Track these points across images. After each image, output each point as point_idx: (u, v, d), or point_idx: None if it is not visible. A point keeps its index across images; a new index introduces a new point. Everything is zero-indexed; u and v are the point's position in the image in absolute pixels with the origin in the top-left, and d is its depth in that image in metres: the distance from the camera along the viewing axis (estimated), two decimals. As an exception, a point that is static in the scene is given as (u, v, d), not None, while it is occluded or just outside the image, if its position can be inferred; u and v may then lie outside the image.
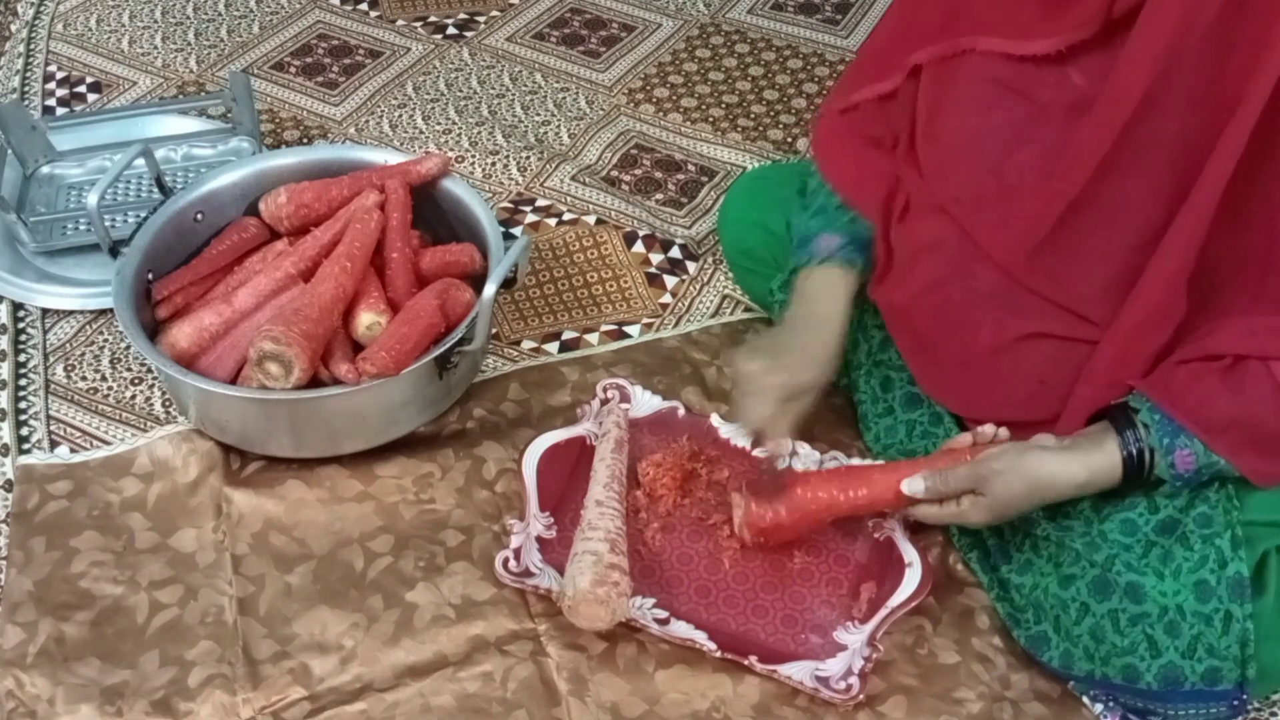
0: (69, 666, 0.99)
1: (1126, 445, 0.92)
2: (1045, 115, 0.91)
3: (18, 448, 1.18)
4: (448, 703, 0.97)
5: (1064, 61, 0.89)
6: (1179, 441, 0.90)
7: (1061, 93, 0.90)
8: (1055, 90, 0.90)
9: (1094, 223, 0.91)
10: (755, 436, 1.10)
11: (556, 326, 1.35)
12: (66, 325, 1.32)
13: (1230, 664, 0.89)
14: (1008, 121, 0.93)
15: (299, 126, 1.64)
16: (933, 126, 1.00)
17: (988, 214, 0.97)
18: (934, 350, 1.06)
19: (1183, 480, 0.92)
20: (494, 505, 1.13)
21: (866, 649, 0.99)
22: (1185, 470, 0.91)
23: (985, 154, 0.96)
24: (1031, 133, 0.92)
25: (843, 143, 1.11)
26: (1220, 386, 0.89)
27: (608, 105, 1.69)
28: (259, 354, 1.05)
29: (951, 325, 1.03)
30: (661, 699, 0.98)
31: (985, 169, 0.96)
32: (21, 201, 1.43)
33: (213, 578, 1.06)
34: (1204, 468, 0.91)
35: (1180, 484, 0.92)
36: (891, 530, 1.07)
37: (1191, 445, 0.90)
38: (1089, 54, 0.88)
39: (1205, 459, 0.90)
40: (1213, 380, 0.90)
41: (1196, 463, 0.91)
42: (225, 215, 1.28)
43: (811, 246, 1.09)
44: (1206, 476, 0.92)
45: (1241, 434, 0.90)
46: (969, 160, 0.97)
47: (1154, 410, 0.91)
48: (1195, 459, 0.91)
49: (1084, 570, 0.95)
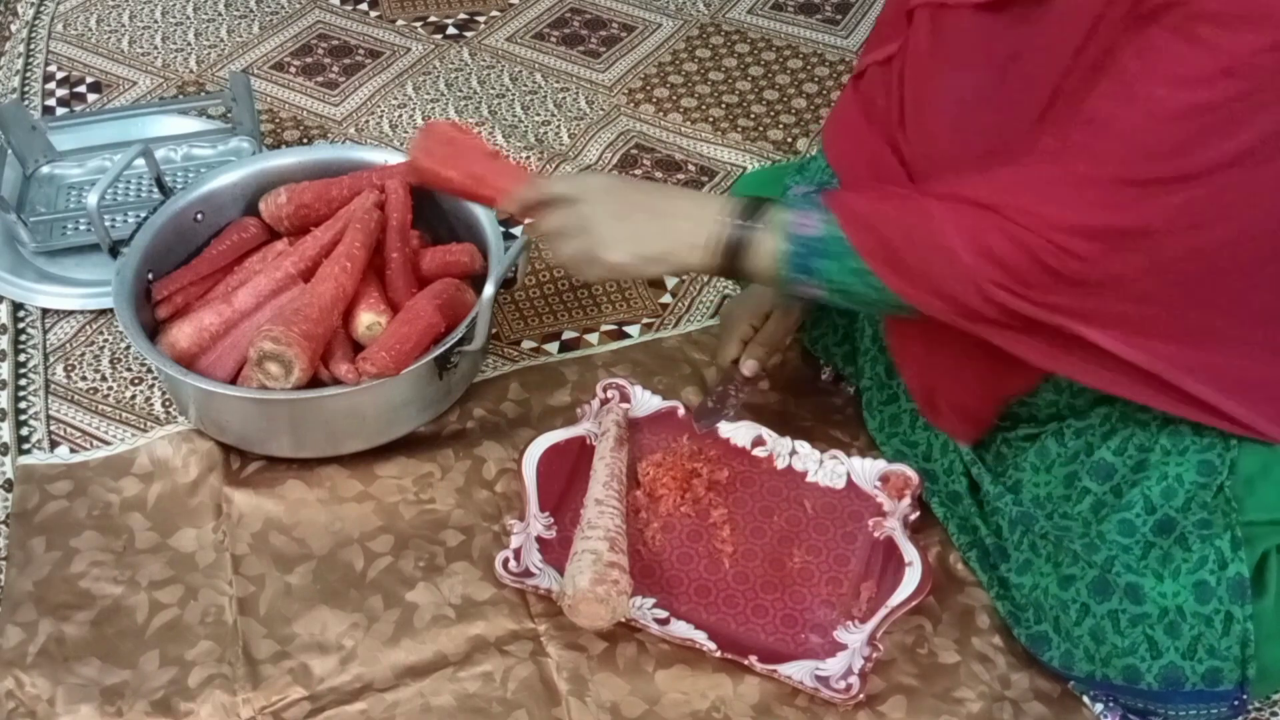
0: (69, 666, 0.99)
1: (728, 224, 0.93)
2: (1003, 72, 0.91)
3: (18, 448, 1.18)
4: (448, 703, 0.97)
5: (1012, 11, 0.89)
6: (811, 207, 0.91)
7: (1015, 48, 0.90)
8: (1010, 46, 0.90)
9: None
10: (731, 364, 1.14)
11: (556, 326, 1.35)
12: (66, 325, 1.32)
13: (1231, 664, 0.89)
14: (973, 80, 0.94)
15: (299, 126, 1.64)
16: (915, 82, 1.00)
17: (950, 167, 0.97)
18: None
19: (794, 246, 0.90)
20: (494, 505, 1.13)
21: (866, 648, 0.99)
22: (803, 233, 0.90)
23: (952, 110, 0.96)
24: (992, 91, 0.92)
25: (845, 114, 1.12)
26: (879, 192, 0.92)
27: (608, 105, 1.69)
28: (259, 354, 1.05)
29: None
30: (661, 699, 0.98)
31: (955, 127, 0.96)
32: (21, 201, 1.43)
33: (213, 578, 1.06)
34: (827, 239, 0.90)
35: (800, 254, 0.91)
36: (892, 530, 1.07)
37: (822, 216, 0.90)
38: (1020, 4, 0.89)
39: (830, 230, 0.90)
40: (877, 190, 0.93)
41: (820, 232, 0.90)
42: (225, 215, 1.28)
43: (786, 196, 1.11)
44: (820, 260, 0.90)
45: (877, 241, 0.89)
46: (941, 122, 0.97)
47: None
48: (819, 228, 0.90)
49: (1083, 571, 0.95)
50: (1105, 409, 0.99)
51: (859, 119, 1.09)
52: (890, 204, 0.91)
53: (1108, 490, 0.97)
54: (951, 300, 0.88)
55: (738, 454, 1.17)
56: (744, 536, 1.10)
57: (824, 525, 1.11)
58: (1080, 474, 0.99)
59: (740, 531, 1.10)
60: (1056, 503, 1.00)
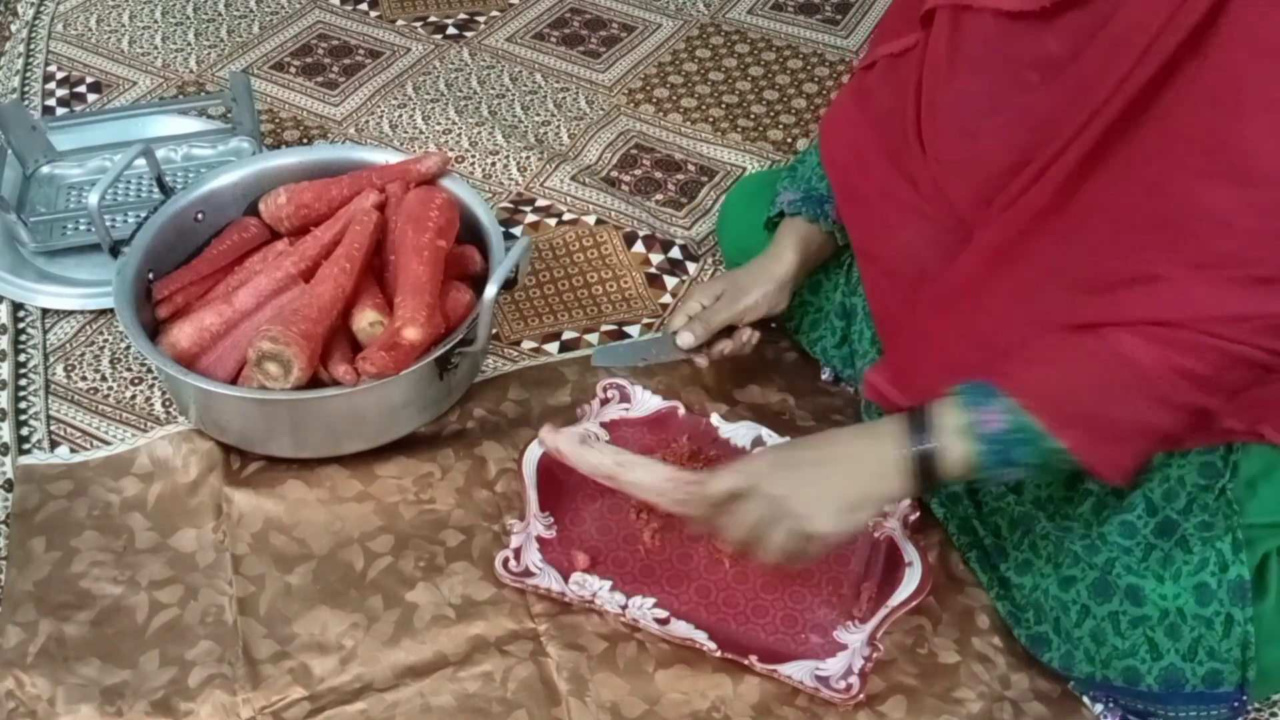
0: (69, 666, 0.99)
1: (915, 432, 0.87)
2: (1020, 80, 0.91)
3: (18, 448, 1.18)
4: (448, 702, 0.97)
5: (1047, 22, 0.88)
6: (988, 401, 0.85)
7: (1037, 56, 0.89)
8: (1032, 54, 0.90)
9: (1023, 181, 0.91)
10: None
11: (557, 327, 1.35)
12: (66, 325, 1.32)
13: (1231, 666, 0.89)
14: (988, 87, 0.93)
15: (299, 126, 1.64)
16: (931, 85, 1.00)
17: (960, 176, 0.97)
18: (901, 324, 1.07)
19: (989, 445, 0.84)
20: (494, 505, 1.13)
21: (866, 648, 0.99)
22: (993, 431, 0.84)
23: (966, 120, 0.96)
24: (1007, 99, 0.92)
25: (843, 113, 1.12)
26: (1042, 351, 0.86)
27: (607, 105, 1.69)
28: (258, 354, 1.05)
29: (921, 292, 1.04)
30: (661, 699, 0.98)
31: (964, 135, 0.96)
32: (21, 201, 1.43)
33: (213, 578, 1.06)
34: (1014, 431, 0.84)
35: (995, 454, 0.85)
36: (892, 530, 1.07)
37: (1001, 403, 0.84)
38: (1070, 15, 0.87)
39: (1016, 417, 0.83)
40: (1024, 351, 0.87)
41: (1006, 423, 0.84)
42: (226, 215, 1.28)
43: (778, 199, 1.17)
44: (1020, 446, 0.84)
45: (1056, 404, 0.84)
46: (954, 126, 0.97)
47: (965, 385, 0.87)
48: (1004, 418, 0.84)
49: (1084, 572, 0.95)
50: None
51: (856, 117, 1.09)
52: (1069, 365, 0.84)
53: (1109, 492, 0.97)
54: (1157, 435, 0.84)
55: (738, 454, 1.17)
56: (744, 537, 1.10)
57: (824, 525, 1.10)
58: (1082, 475, 0.99)
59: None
60: (1058, 504, 1.00)
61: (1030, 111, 0.90)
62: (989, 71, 0.93)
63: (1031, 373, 0.86)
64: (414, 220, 1.18)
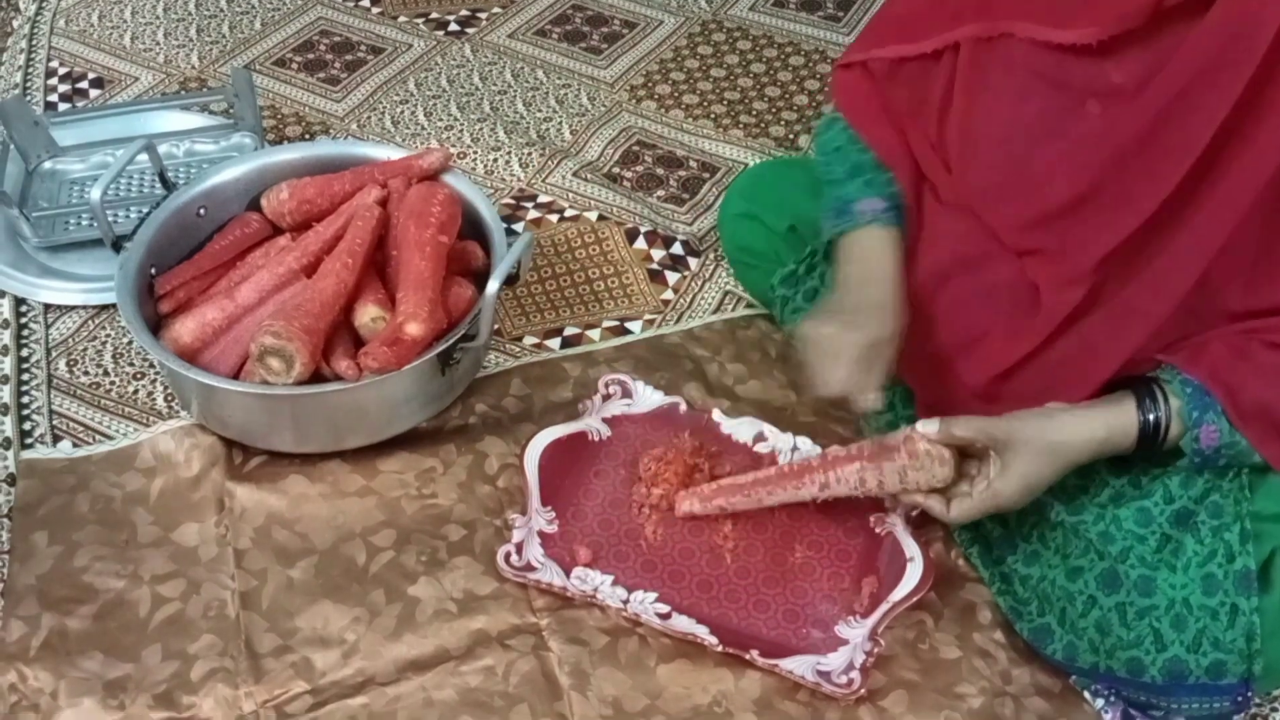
0: (71, 660, 0.99)
1: (1144, 412, 0.92)
2: (1078, 108, 0.91)
3: (20, 442, 1.18)
4: (449, 696, 0.98)
5: (1104, 54, 0.88)
6: (1207, 417, 0.90)
7: (1097, 86, 0.89)
8: (1091, 82, 0.89)
9: (1107, 210, 0.91)
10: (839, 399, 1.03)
11: (558, 322, 1.35)
12: (69, 320, 1.32)
13: (1235, 658, 0.89)
14: (1040, 113, 0.93)
15: (301, 122, 1.64)
16: (965, 112, 1.00)
17: (1010, 206, 0.97)
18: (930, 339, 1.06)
19: (1202, 456, 0.91)
20: (496, 500, 1.13)
21: (868, 644, 0.99)
22: (1208, 446, 0.91)
23: (1014, 146, 0.95)
24: (1063, 125, 0.92)
25: (867, 99, 1.09)
26: (1250, 371, 0.89)
27: (609, 102, 1.69)
28: (260, 349, 1.06)
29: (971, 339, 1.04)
30: (663, 693, 0.98)
31: (1013, 161, 0.96)
32: (24, 197, 1.43)
33: (215, 572, 1.06)
34: (1225, 446, 0.91)
35: (1199, 460, 0.92)
36: (893, 525, 1.07)
37: (1218, 422, 0.90)
38: (1130, 47, 0.87)
39: (1229, 437, 0.90)
40: (1243, 365, 0.90)
41: (1220, 440, 0.90)
42: (228, 210, 1.28)
43: (853, 210, 1.07)
44: (1225, 458, 0.91)
45: (1268, 421, 0.90)
46: (998, 152, 0.97)
47: (1185, 383, 0.91)
48: (1219, 436, 0.90)
49: (1092, 563, 0.96)
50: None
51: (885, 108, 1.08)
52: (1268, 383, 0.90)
53: (1125, 482, 0.98)
54: None
55: (739, 450, 1.17)
56: (745, 531, 1.10)
57: (825, 521, 1.11)
58: (1098, 465, 0.99)
59: (742, 526, 1.10)
60: (1072, 493, 1.00)
61: (1092, 141, 0.90)
62: (1037, 99, 0.93)
63: (1247, 395, 0.89)
64: (416, 216, 1.18)
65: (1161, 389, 0.92)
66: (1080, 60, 0.89)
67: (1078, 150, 0.91)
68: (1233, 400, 0.89)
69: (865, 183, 1.08)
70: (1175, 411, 0.91)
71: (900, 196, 1.07)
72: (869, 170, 1.09)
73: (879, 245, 1.05)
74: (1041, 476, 0.93)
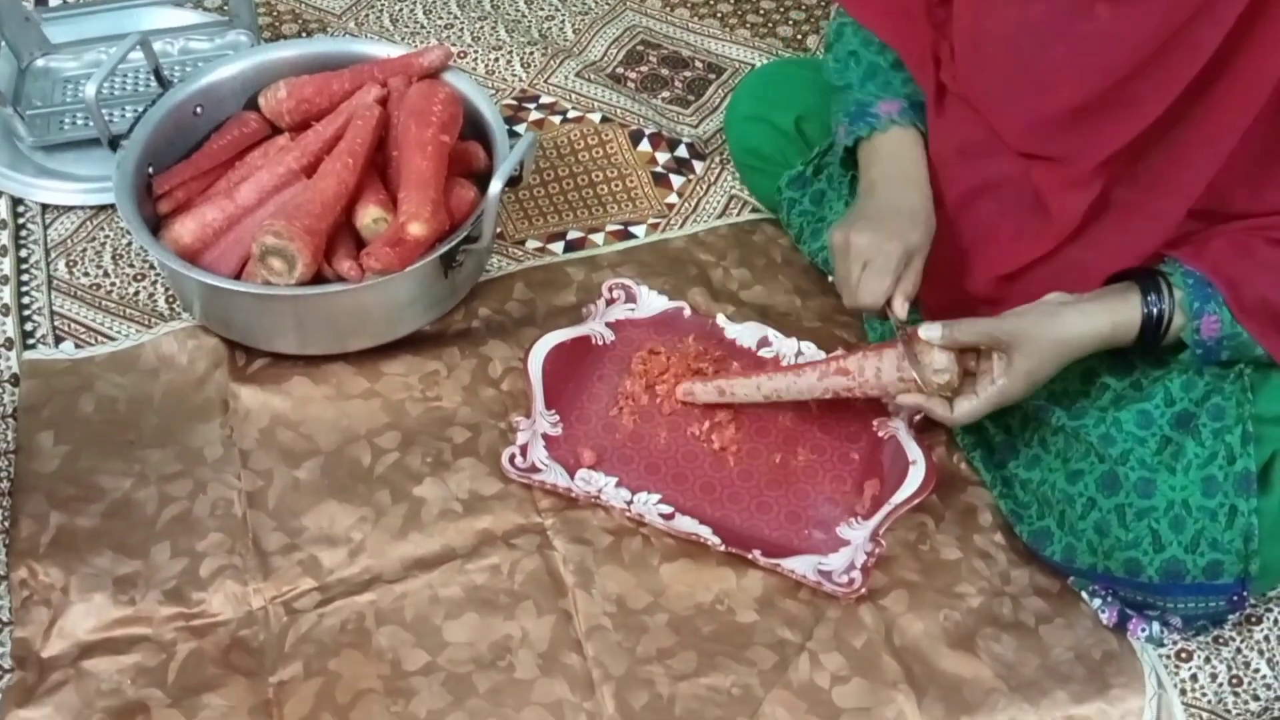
0: (81, 556, 1.00)
1: (1148, 305, 0.91)
2: (1087, 8, 0.89)
3: (22, 343, 1.18)
4: (455, 594, 0.99)
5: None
6: (1208, 307, 0.90)
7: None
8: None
9: (1115, 114, 0.89)
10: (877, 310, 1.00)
11: (561, 226, 1.33)
12: (67, 221, 1.31)
13: (1232, 558, 0.90)
14: (1047, 13, 0.91)
15: (297, 20, 1.60)
16: (972, 11, 0.98)
17: (1015, 106, 0.96)
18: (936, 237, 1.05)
19: (1204, 348, 0.91)
20: (500, 403, 1.14)
21: (869, 544, 1.00)
22: (1209, 336, 0.91)
23: (1021, 47, 0.94)
24: (1071, 26, 0.90)
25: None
26: (1253, 266, 0.89)
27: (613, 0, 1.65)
28: (261, 249, 1.05)
29: (978, 241, 1.03)
30: (666, 591, 1.00)
31: (1019, 63, 0.94)
32: (17, 95, 1.40)
33: (221, 472, 1.07)
34: (1227, 338, 0.91)
35: (1201, 351, 0.92)
36: (896, 429, 1.08)
37: (1219, 313, 0.90)
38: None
39: (1230, 328, 0.90)
40: (1246, 260, 0.90)
41: (1221, 330, 0.90)
42: (225, 109, 1.25)
43: (872, 113, 1.05)
44: (1227, 350, 0.91)
45: (1269, 315, 0.90)
46: (1004, 53, 0.95)
47: (1188, 275, 0.91)
48: (1221, 326, 0.90)
49: (1092, 466, 0.96)
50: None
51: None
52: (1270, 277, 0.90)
53: (1127, 385, 0.98)
54: None
55: (743, 354, 1.17)
56: (749, 435, 1.10)
57: (829, 424, 1.11)
58: (1099, 369, 0.99)
59: (745, 430, 1.10)
60: (1073, 397, 1.00)
61: (1099, 42, 0.88)
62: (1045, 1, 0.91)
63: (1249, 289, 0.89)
64: (417, 115, 1.16)
65: (1165, 281, 0.92)
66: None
67: (1084, 52, 0.90)
68: (1235, 293, 0.89)
69: (882, 84, 1.06)
70: (1178, 303, 0.91)
71: (918, 95, 1.05)
72: (884, 72, 1.07)
73: (906, 148, 1.04)
74: (1046, 371, 0.93)
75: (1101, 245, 0.96)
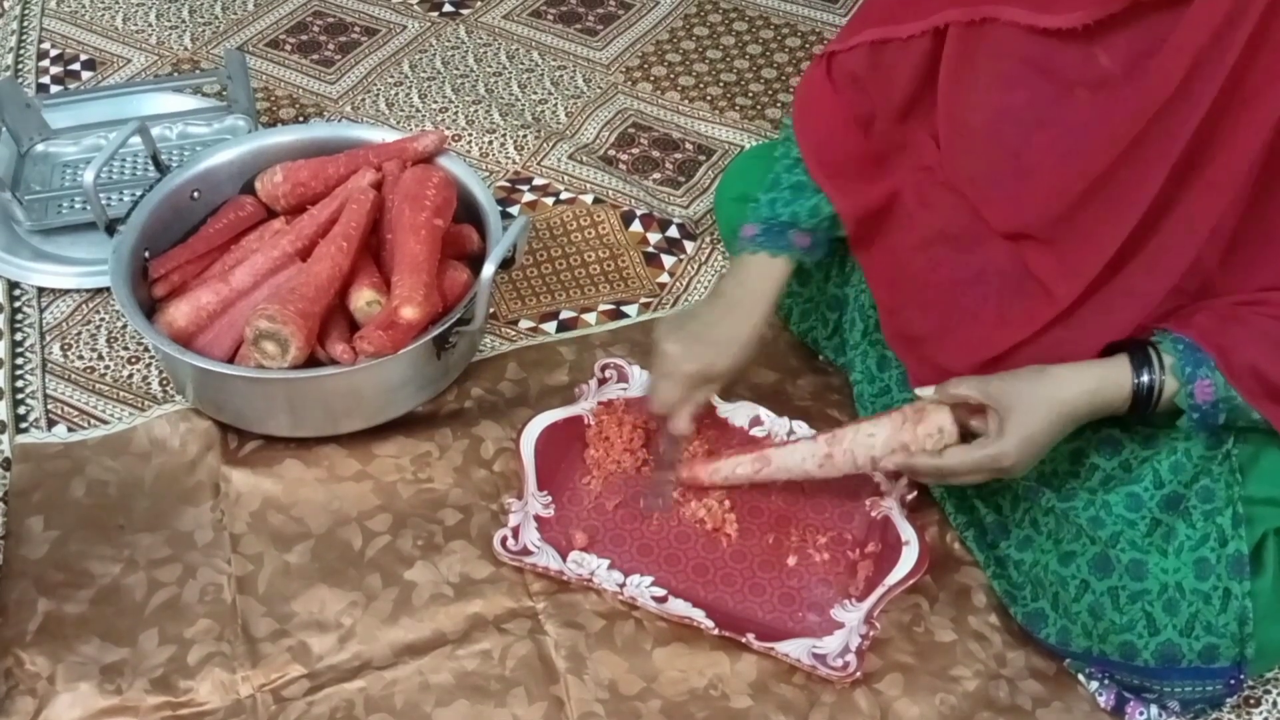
0: (68, 644, 0.99)
1: (1138, 375, 0.91)
2: (1068, 95, 0.90)
3: (15, 426, 1.18)
4: (446, 680, 0.98)
5: (1090, 39, 0.87)
6: (1200, 371, 0.89)
7: (1086, 72, 0.89)
8: (1079, 69, 0.89)
9: (1106, 201, 0.91)
10: (660, 418, 1.09)
11: (554, 306, 1.34)
12: (63, 304, 1.32)
13: (1228, 641, 0.90)
14: (1029, 101, 0.93)
15: (295, 104, 1.63)
16: (953, 101, 0.99)
17: (1001, 193, 0.97)
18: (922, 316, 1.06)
19: (1200, 412, 0.90)
20: (492, 484, 1.13)
21: (864, 627, 0.99)
22: (1204, 401, 0.90)
23: (1005, 135, 0.95)
24: (1053, 113, 0.91)
25: (821, 100, 1.08)
26: (1240, 333, 0.89)
27: (605, 83, 1.68)
28: (255, 333, 1.05)
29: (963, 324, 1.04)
30: (659, 676, 0.99)
31: (1004, 150, 0.95)
32: (16, 179, 1.42)
33: (211, 556, 1.06)
34: (1223, 400, 0.90)
35: (1197, 416, 0.91)
36: (889, 509, 1.08)
37: (1212, 376, 0.89)
38: (1116, 32, 0.86)
39: (1225, 391, 0.89)
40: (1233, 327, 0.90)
41: (1216, 394, 0.89)
42: (222, 193, 1.27)
43: (740, 233, 1.08)
44: (1224, 413, 0.90)
45: (1259, 381, 0.89)
46: (988, 141, 0.97)
47: (1177, 341, 0.91)
48: (1215, 390, 0.89)
49: (1084, 547, 0.96)
50: None
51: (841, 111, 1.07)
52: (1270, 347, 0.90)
53: (1116, 465, 0.98)
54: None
55: (735, 433, 1.17)
56: (742, 515, 1.10)
57: (821, 504, 1.11)
58: (1087, 450, 1.00)
59: (738, 510, 1.10)
60: (1063, 478, 1.01)
61: (1083, 127, 0.90)
62: (1026, 88, 0.93)
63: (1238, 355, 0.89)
64: (411, 199, 1.18)
65: (1155, 349, 0.92)
66: (1067, 46, 0.89)
67: (1069, 138, 0.91)
68: (1224, 359, 0.89)
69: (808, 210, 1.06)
70: (1169, 368, 0.91)
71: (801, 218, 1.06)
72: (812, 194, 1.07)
73: (760, 274, 1.06)
74: (1040, 432, 0.92)
75: (1085, 324, 0.96)
